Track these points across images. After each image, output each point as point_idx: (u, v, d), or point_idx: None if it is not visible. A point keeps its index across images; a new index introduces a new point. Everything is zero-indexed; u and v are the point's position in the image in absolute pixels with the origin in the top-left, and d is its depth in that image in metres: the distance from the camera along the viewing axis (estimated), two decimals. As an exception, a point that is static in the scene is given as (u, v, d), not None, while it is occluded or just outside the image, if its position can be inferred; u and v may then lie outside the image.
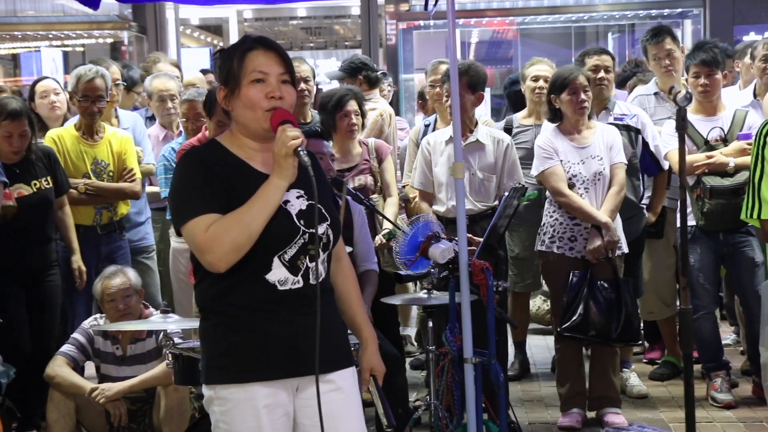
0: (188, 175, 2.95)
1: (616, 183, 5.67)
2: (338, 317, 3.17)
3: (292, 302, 2.95)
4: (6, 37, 12.76)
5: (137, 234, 6.44)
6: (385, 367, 3.30)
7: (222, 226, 2.84)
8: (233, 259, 2.86)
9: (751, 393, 6.20)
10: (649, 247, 6.56)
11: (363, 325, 3.26)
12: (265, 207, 2.86)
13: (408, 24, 12.43)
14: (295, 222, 2.95)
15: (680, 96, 4.59)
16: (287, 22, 14.75)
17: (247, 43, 3.01)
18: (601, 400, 5.76)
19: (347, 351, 3.16)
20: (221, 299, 2.96)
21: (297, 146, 2.85)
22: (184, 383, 4.61)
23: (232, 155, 3.00)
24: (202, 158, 2.97)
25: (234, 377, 2.93)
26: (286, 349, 2.94)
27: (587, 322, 5.56)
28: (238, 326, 2.94)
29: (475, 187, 5.79)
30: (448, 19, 4.32)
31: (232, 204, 2.88)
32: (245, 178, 2.95)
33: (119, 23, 12.10)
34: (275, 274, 2.93)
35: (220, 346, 2.97)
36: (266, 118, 2.93)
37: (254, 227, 2.84)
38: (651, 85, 6.73)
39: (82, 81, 5.95)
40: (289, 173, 2.87)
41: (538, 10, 12.57)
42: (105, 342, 5.42)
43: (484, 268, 4.46)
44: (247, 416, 2.93)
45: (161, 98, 6.82)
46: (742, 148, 5.91)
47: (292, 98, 3.00)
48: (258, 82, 2.95)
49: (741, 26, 11.16)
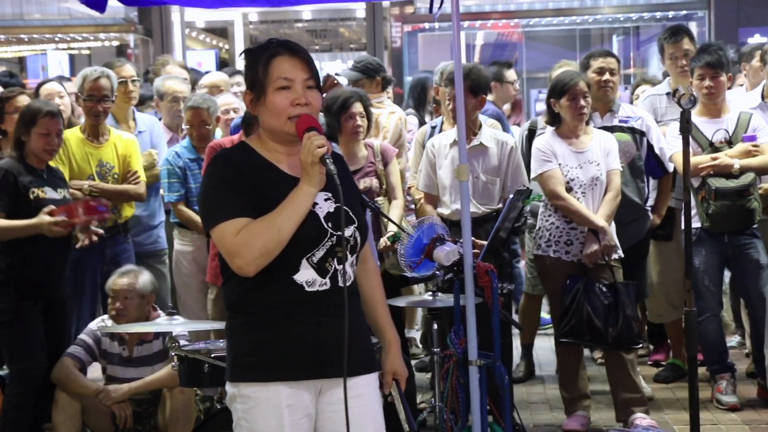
0: (219, 177, 2.98)
1: (612, 189, 5.66)
2: (363, 321, 3.17)
3: (319, 304, 2.96)
4: (13, 40, 12.79)
5: (149, 237, 6.45)
6: (407, 371, 3.30)
7: (252, 232, 2.87)
8: (262, 263, 2.88)
9: (756, 395, 6.19)
10: (659, 250, 6.56)
11: (387, 327, 3.26)
12: (295, 213, 2.88)
13: (413, 26, 12.45)
14: (322, 224, 2.96)
15: (684, 98, 4.60)
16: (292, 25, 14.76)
17: (272, 48, 3.02)
18: (627, 402, 5.67)
19: (371, 355, 3.17)
20: (248, 298, 2.98)
21: (322, 155, 2.87)
22: (189, 385, 4.62)
23: (262, 158, 3.02)
24: (233, 161, 3.00)
25: (258, 376, 2.95)
26: (310, 351, 2.95)
27: (583, 326, 5.54)
28: (264, 325, 2.96)
29: (478, 190, 5.79)
30: (453, 21, 4.33)
31: (262, 207, 2.90)
32: (274, 181, 2.97)
33: (125, 26, 12.13)
34: (303, 276, 2.95)
35: (246, 344, 2.99)
36: (291, 125, 2.95)
37: (284, 233, 2.87)
38: (663, 85, 6.71)
39: (88, 80, 5.98)
40: (317, 180, 2.89)
41: (543, 13, 12.58)
42: (112, 343, 5.43)
43: (489, 271, 4.47)
44: (269, 415, 2.94)
45: (174, 99, 6.80)
46: (746, 150, 5.91)
47: (317, 103, 3.02)
48: (284, 89, 2.96)
49: (746, 28, 11.15)
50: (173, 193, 6.01)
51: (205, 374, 4.42)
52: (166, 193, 6.08)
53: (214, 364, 4.38)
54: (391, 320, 3.30)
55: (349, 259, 3.03)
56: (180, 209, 6.03)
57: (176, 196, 6.01)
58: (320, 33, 14.71)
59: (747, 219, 5.91)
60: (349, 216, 3.02)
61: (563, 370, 5.88)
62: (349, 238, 3.01)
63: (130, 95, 6.65)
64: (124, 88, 6.55)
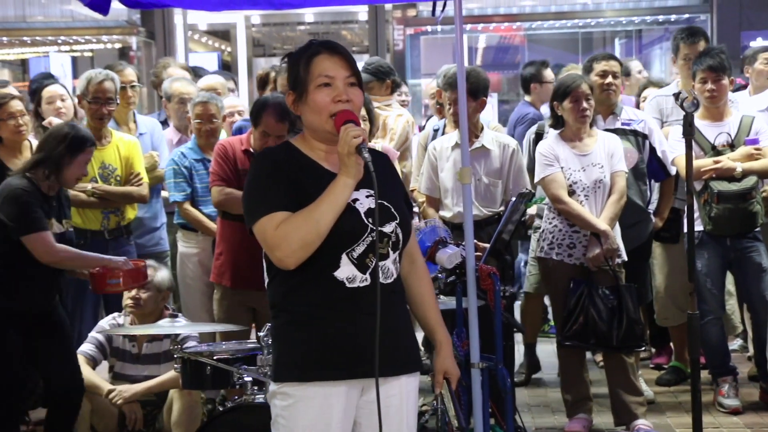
0: (260, 174, 3.02)
1: (616, 191, 5.66)
2: (407, 319, 3.16)
3: (360, 300, 2.96)
4: (15, 42, 12.79)
5: (152, 239, 6.45)
6: (459, 371, 3.31)
7: (291, 224, 2.90)
8: (302, 256, 2.91)
9: (758, 399, 6.20)
10: (665, 252, 6.57)
11: (437, 327, 3.26)
12: (333, 205, 2.90)
13: (415, 29, 12.44)
14: (363, 220, 2.97)
15: (687, 102, 4.60)
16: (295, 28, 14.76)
17: (313, 47, 3.06)
18: (626, 405, 5.65)
19: (414, 355, 3.17)
20: (290, 297, 3.00)
21: (358, 144, 2.88)
22: (191, 387, 4.63)
23: (304, 156, 3.06)
24: (274, 158, 3.04)
25: (298, 376, 2.97)
26: (351, 350, 2.96)
27: (588, 329, 5.55)
28: (306, 324, 2.98)
29: (480, 193, 5.79)
30: (456, 24, 4.33)
31: (302, 203, 2.93)
32: (316, 177, 3.00)
33: (128, 28, 12.13)
34: (343, 272, 2.96)
35: (288, 343, 3.01)
36: (331, 122, 2.98)
37: (322, 225, 2.89)
38: (672, 86, 6.69)
39: (92, 83, 5.98)
40: (354, 171, 2.91)
41: (546, 16, 12.58)
42: (123, 340, 5.43)
43: (492, 273, 4.48)
44: (307, 414, 2.96)
45: (182, 101, 6.79)
46: (749, 153, 5.92)
47: (359, 101, 3.05)
48: (325, 86, 3.00)
49: (748, 32, 11.14)
50: (179, 193, 6.01)
51: (208, 376, 4.43)
52: (171, 193, 6.06)
53: (216, 366, 4.39)
54: (442, 320, 3.29)
55: (391, 256, 3.04)
56: (186, 209, 6.03)
57: (182, 196, 6.01)
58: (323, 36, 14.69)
59: (749, 222, 5.92)
60: (391, 212, 3.04)
61: (565, 372, 5.88)
62: (390, 234, 3.03)
63: (129, 100, 6.64)
64: (124, 93, 6.55)
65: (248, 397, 4.36)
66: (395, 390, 3.05)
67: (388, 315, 2.96)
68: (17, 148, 6.10)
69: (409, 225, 3.13)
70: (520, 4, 12.59)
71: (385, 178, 3.03)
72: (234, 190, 5.48)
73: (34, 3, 12.43)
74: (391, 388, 3.04)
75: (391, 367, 3.00)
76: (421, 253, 3.33)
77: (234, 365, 4.39)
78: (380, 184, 2.94)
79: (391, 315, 3.00)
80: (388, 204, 3.03)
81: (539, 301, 6.98)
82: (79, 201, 5.89)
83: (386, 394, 3.00)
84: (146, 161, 6.31)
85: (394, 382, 3.05)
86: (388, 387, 3.02)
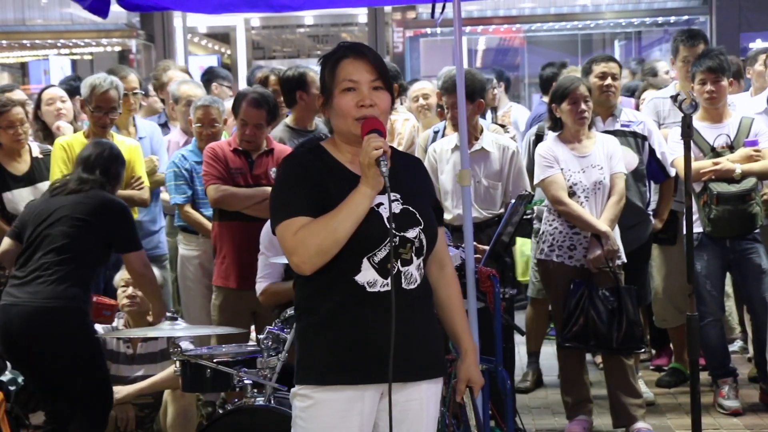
0: (285, 178, 3.04)
1: (616, 192, 5.66)
2: (432, 325, 3.15)
3: (380, 305, 2.95)
4: (15, 46, 12.80)
5: (150, 243, 6.43)
6: (483, 380, 3.29)
7: (310, 230, 2.91)
8: (318, 262, 2.92)
9: (758, 400, 6.19)
10: (663, 254, 6.56)
11: (463, 334, 3.24)
12: (352, 214, 2.91)
13: (415, 32, 12.46)
14: (385, 224, 2.96)
15: (686, 103, 4.61)
16: (294, 30, 14.77)
17: (340, 51, 3.08)
18: (625, 407, 5.64)
19: (438, 360, 3.15)
20: (312, 299, 3.02)
21: (378, 157, 2.89)
22: (191, 390, 4.62)
23: (333, 159, 3.07)
24: (302, 162, 3.06)
25: (318, 379, 2.98)
26: (370, 355, 2.95)
27: (587, 330, 5.55)
28: (326, 327, 2.98)
29: (480, 195, 5.79)
30: (455, 26, 4.34)
31: (326, 206, 2.94)
32: (342, 181, 3.00)
33: (127, 31, 12.14)
34: (364, 276, 2.97)
35: (309, 346, 3.02)
36: (357, 126, 2.99)
37: (340, 233, 2.90)
38: (670, 88, 6.69)
39: (97, 92, 5.95)
40: (374, 181, 2.91)
41: (545, 18, 12.59)
42: (117, 342, 5.43)
43: (491, 275, 4.48)
44: (325, 416, 2.97)
45: (189, 103, 6.77)
46: (748, 155, 5.92)
47: (384, 104, 3.05)
48: (349, 91, 3.01)
49: (747, 33, 11.15)
50: (180, 195, 6.01)
51: (208, 379, 4.42)
52: (172, 195, 6.06)
53: (216, 369, 4.39)
54: (469, 327, 3.29)
55: (415, 262, 3.03)
56: (186, 211, 6.03)
57: (183, 198, 6.01)
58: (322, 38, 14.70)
59: (749, 224, 5.91)
60: (415, 218, 3.04)
61: (565, 374, 5.88)
62: (413, 239, 3.02)
63: (131, 107, 6.64)
64: (126, 100, 6.54)
65: (248, 399, 4.36)
66: (415, 395, 3.05)
67: (411, 320, 2.97)
68: (16, 153, 6.11)
69: (434, 231, 3.12)
70: (519, 6, 12.60)
71: (413, 182, 3.05)
72: (230, 187, 5.50)
73: (33, 6, 12.44)
74: (411, 393, 3.03)
75: (412, 373, 3.00)
76: (451, 259, 3.31)
77: (234, 368, 4.40)
78: (407, 188, 2.97)
79: (414, 320, 3.00)
80: (413, 209, 3.03)
81: (544, 307, 6.84)
82: None
83: (406, 398, 3.01)
84: (146, 165, 6.31)
85: (414, 387, 3.04)
86: (408, 392, 3.02)
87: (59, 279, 4.77)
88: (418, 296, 3.04)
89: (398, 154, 3.16)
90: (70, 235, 4.85)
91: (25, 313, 4.75)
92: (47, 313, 4.75)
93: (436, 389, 3.14)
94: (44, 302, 4.75)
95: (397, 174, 2.98)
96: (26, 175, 6.09)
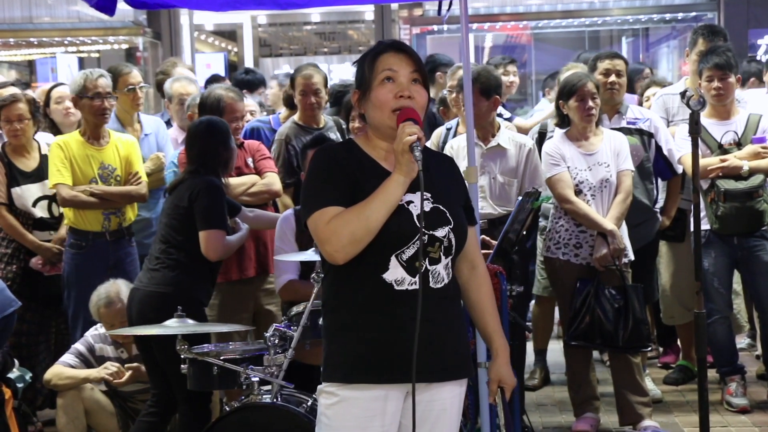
0: (317, 170, 3.04)
1: (623, 190, 5.65)
2: (460, 325, 3.13)
3: (407, 304, 2.94)
4: (22, 44, 12.81)
5: None
6: (515, 380, 3.28)
7: (342, 219, 2.91)
8: (351, 251, 2.91)
9: (766, 397, 6.18)
10: (671, 252, 6.55)
11: (494, 335, 3.23)
12: (385, 202, 2.90)
13: (422, 29, 12.43)
14: (415, 222, 2.95)
15: (693, 100, 4.59)
16: (301, 28, 14.75)
17: (380, 47, 3.09)
18: (631, 405, 5.65)
19: (463, 361, 3.14)
20: (340, 297, 3.02)
21: (412, 142, 2.88)
22: (198, 387, 4.61)
23: (364, 154, 3.07)
24: (333, 154, 3.06)
25: (342, 377, 2.98)
26: (395, 354, 2.94)
27: (594, 329, 5.54)
28: (353, 325, 2.98)
29: (495, 192, 5.78)
30: (462, 23, 4.33)
31: (357, 200, 2.93)
32: (373, 175, 3.00)
33: (134, 29, 12.13)
34: (392, 274, 2.96)
35: (335, 343, 3.03)
36: (393, 118, 2.98)
37: (373, 221, 2.89)
38: (680, 84, 6.66)
39: (90, 80, 5.96)
40: (407, 169, 2.90)
41: (552, 15, 12.55)
42: (106, 347, 5.45)
43: (498, 273, 4.48)
44: (349, 414, 2.97)
45: (181, 101, 6.79)
46: (756, 152, 5.90)
47: (422, 99, 3.04)
48: (388, 81, 3.01)
49: (755, 30, 11.11)
50: None
51: (214, 377, 4.43)
52: None
53: (223, 366, 4.39)
54: (500, 328, 3.26)
55: (443, 261, 3.02)
56: None
57: None
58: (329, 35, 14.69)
59: (756, 220, 5.90)
60: (445, 217, 3.02)
61: (572, 372, 5.87)
62: (442, 238, 3.01)
63: (138, 102, 6.65)
64: (133, 95, 6.54)
65: (255, 396, 4.36)
66: (440, 395, 3.04)
67: (437, 320, 2.96)
68: (24, 148, 6.12)
69: (464, 230, 3.10)
70: (526, 2, 12.57)
71: (445, 181, 3.04)
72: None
73: (40, 4, 12.44)
74: (436, 394, 3.02)
75: (437, 373, 2.99)
76: (483, 259, 3.29)
77: (241, 365, 4.40)
78: (438, 187, 2.95)
79: (441, 320, 2.99)
80: (443, 208, 3.02)
81: (551, 305, 6.84)
82: (79, 202, 5.87)
83: (430, 399, 3.00)
84: (152, 163, 6.30)
85: (439, 387, 3.04)
86: (433, 392, 3.02)
87: (168, 267, 4.87)
88: (446, 296, 3.03)
89: (430, 152, 3.14)
90: (168, 224, 4.95)
91: (137, 296, 4.92)
92: (156, 298, 4.84)
93: (461, 390, 3.13)
94: (156, 288, 4.87)
95: (429, 172, 2.95)
96: (35, 171, 6.12)
